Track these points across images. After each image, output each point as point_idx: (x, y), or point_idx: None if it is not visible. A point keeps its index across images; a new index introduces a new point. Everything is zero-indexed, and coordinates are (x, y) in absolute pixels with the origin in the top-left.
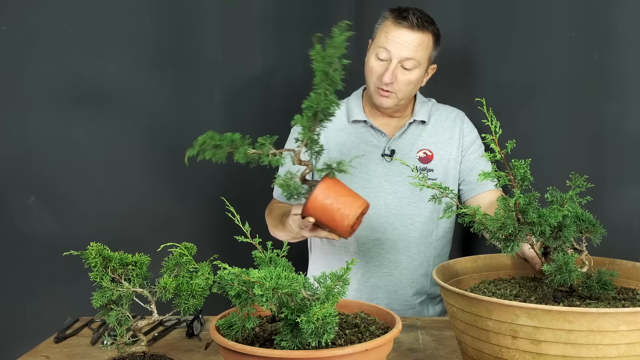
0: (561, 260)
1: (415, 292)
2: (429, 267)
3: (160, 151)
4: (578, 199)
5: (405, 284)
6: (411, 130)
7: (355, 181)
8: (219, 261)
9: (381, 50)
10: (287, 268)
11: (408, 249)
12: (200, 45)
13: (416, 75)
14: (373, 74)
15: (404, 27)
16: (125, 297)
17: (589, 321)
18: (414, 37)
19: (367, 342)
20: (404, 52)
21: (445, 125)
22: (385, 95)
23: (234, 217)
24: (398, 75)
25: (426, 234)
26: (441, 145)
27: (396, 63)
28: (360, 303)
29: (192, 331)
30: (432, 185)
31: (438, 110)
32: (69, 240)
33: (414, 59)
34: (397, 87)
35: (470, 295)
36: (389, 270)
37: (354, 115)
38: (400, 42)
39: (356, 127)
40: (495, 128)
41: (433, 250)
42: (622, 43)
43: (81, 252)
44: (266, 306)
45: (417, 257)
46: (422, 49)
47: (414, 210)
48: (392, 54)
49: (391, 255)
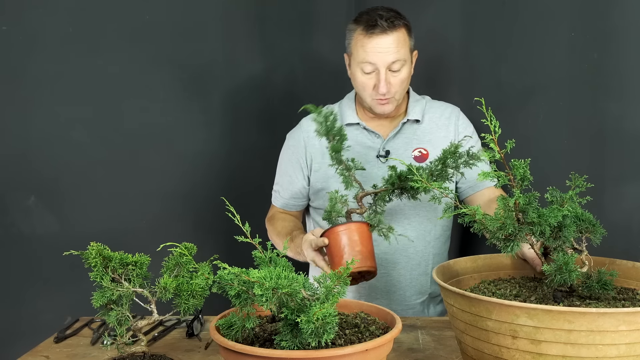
0: (561, 260)
1: (415, 292)
2: (428, 267)
3: (160, 151)
4: (578, 198)
5: (404, 284)
6: (405, 130)
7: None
8: (218, 261)
9: (365, 65)
10: (287, 268)
11: (406, 248)
12: (200, 45)
13: (406, 73)
14: (366, 89)
15: (378, 35)
16: (125, 297)
17: (589, 321)
18: (391, 40)
19: (367, 342)
20: (388, 58)
21: (440, 123)
22: (385, 103)
23: (234, 217)
24: (391, 80)
25: (424, 234)
26: (437, 144)
27: (384, 71)
28: (360, 303)
29: (192, 331)
30: (432, 185)
31: (432, 107)
32: (69, 240)
33: (399, 59)
34: (393, 90)
35: (470, 295)
36: (387, 271)
37: (347, 118)
38: (379, 50)
39: (350, 130)
40: (495, 128)
41: (432, 249)
42: (622, 43)
43: (81, 252)
44: (266, 306)
45: (415, 257)
46: (402, 46)
47: (410, 210)
48: (378, 64)
49: (389, 256)
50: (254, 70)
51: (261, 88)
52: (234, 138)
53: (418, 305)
